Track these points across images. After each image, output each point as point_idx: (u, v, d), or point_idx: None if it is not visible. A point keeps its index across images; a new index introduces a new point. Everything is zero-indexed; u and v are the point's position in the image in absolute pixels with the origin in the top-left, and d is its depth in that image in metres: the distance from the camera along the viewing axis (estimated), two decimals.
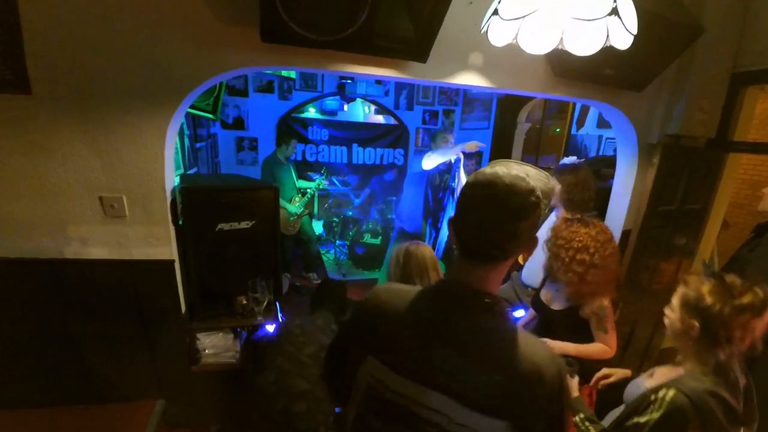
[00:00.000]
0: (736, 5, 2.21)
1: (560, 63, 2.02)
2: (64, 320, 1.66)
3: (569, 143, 3.81)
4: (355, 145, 5.48)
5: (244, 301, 1.99)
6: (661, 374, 1.23)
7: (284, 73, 3.46)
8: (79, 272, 1.64)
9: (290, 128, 5.08)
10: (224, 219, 1.88)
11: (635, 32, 1.26)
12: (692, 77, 2.26)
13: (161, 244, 1.74)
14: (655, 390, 1.08)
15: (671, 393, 1.03)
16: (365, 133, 5.55)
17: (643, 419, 1.04)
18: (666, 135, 2.36)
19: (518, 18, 1.24)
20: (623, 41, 1.28)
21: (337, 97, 5.34)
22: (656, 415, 1.02)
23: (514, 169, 0.75)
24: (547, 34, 1.29)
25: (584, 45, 1.29)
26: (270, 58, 1.65)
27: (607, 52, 1.27)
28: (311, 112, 5.51)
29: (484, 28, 1.39)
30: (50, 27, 1.41)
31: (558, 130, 5.29)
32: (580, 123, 3.67)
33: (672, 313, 1.18)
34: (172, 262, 1.76)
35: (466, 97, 5.64)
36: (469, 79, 1.97)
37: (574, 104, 3.78)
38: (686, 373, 1.12)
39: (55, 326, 1.66)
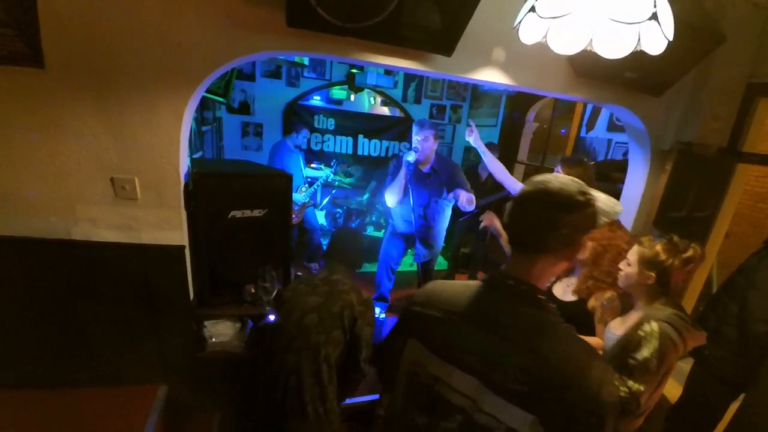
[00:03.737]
0: (755, 14, 2.19)
1: (583, 64, 2.00)
2: (71, 302, 1.63)
3: (578, 145, 3.80)
4: (360, 136, 5.43)
5: (253, 290, 1.97)
6: (623, 321, 1.47)
7: (297, 59, 3.38)
8: (88, 254, 1.61)
9: (298, 116, 5.01)
10: (237, 206, 1.85)
11: (671, 38, 1.23)
12: (709, 85, 2.25)
13: (172, 229, 1.71)
14: (637, 328, 1.31)
15: (654, 324, 1.28)
16: (371, 125, 5.49)
17: (645, 353, 1.25)
18: (679, 142, 2.36)
19: (556, 17, 1.21)
20: (656, 46, 1.26)
21: (345, 87, 5.27)
22: (655, 343, 1.25)
23: (569, 179, 0.80)
24: (578, 35, 1.28)
25: (614, 48, 1.27)
26: (293, 43, 1.61)
27: (632, 55, 1.25)
28: (316, 100, 5.43)
29: (517, 25, 1.35)
30: (67, 1, 1.36)
31: (563, 131, 5.28)
32: (590, 125, 3.65)
33: (629, 268, 1.44)
34: (182, 247, 1.73)
35: (474, 92, 5.60)
36: (491, 76, 1.94)
37: (585, 106, 3.76)
38: (649, 310, 1.37)
39: (62, 308, 1.63)
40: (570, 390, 0.70)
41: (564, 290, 1.76)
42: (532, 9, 1.26)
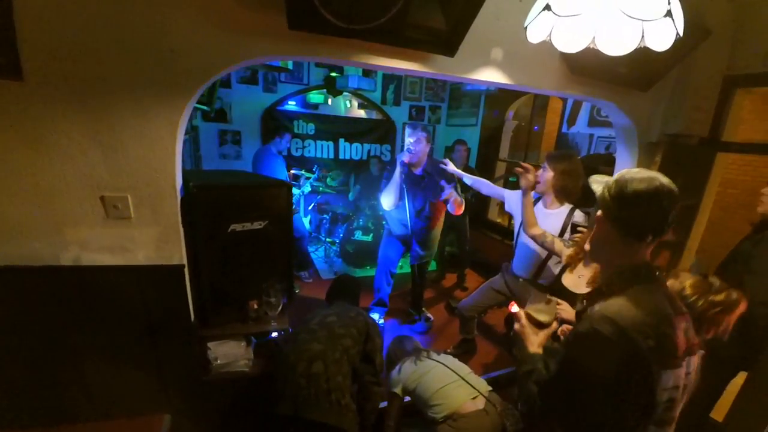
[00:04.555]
0: (731, 9, 2.30)
1: (577, 61, 2.03)
2: (63, 333, 1.49)
3: (560, 141, 3.89)
4: (341, 140, 5.36)
5: (256, 306, 1.87)
6: None
7: (282, 63, 3.28)
8: (79, 280, 1.47)
9: (276, 121, 4.88)
10: (237, 219, 1.75)
11: (681, 35, 1.25)
12: (691, 78, 2.34)
13: (170, 248, 1.59)
14: None
15: None
16: (352, 128, 5.43)
17: None
18: (665, 134, 2.44)
19: (574, 15, 1.21)
20: (664, 43, 1.28)
21: (323, 91, 5.19)
22: None
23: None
24: (582, 33, 1.28)
25: (618, 46, 1.28)
26: (294, 47, 1.54)
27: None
28: (292, 105, 5.29)
29: (529, 23, 1.35)
30: (47, 5, 1.24)
31: (536, 128, 5.38)
32: (571, 121, 3.75)
33: None
34: (181, 267, 1.62)
35: (452, 93, 5.65)
36: (490, 76, 1.94)
37: (564, 102, 3.86)
38: None
39: (53, 339, 1.48)
40: None
41: (576, 282, 1.77)
42: (547, 7, 1.26)
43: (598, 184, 1.01)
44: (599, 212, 0.97)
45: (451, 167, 2.74)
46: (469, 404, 1.62)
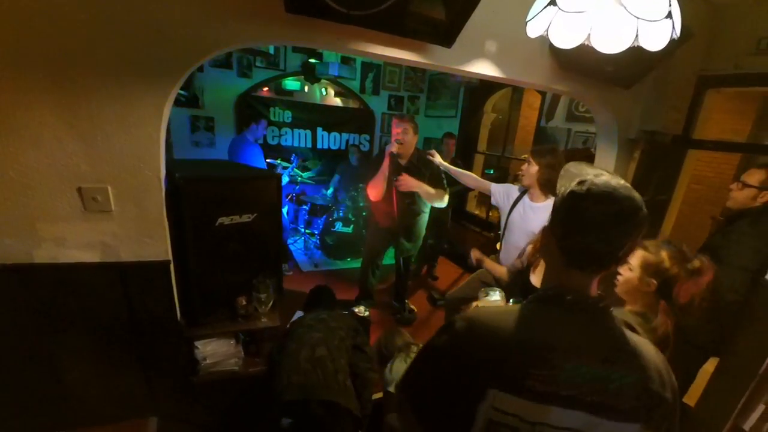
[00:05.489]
0: (706, 10, 2.39)
1: (567, 57, 2.06)
2: (38, 336, 1.37)
3: (538, 135, 3.97)
4: (319, 129, 5.24)
5: (245, 303, 1.81)
6: None
7: (263, 47, 3.13)
8: (55, 279, 1.36)
9: (252, 108, 4.69)
10: (225, 212, 1.68)
11: (678, 36, 1.29)
12: (669, 77, 2.44)
13: (155, 243, 1.50)
14: None
15: None
16: (331, 117, 5.31)
17: None
18: (643, 131, 2.53)
19: (579, 12, 1.21)
20: (659, 43, 1.31)
21: (300, 77, 5.03)
22: None
23: (610, 176, 0.75)
24: (579, 30, 1.29)
25: (613, 43, 1.30)
26: (289, 32, 1.46)
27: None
28: (265, 91, 5.10)
29: (532, 17, 1.34)
30: None
31: (500, 117, 5.34)
32: (549, 116, 3.83)
33: (630, 272, 1.36)
34: (167, 263, 1.53)
35: (431, 83, 5.63)
36: (484, 68, 1.93)
37: (543, 97, 3.94)
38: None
39: (27, 344, 1.36)
40: (665, 388, 0.74)
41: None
42: (552, 2, 1.25)
43: (568, 179, 0.78)
44: (547, 222, 0.81)
45: (437, 159, 2.73)
46: None
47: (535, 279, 1.84)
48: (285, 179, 4.17)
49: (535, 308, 0.79)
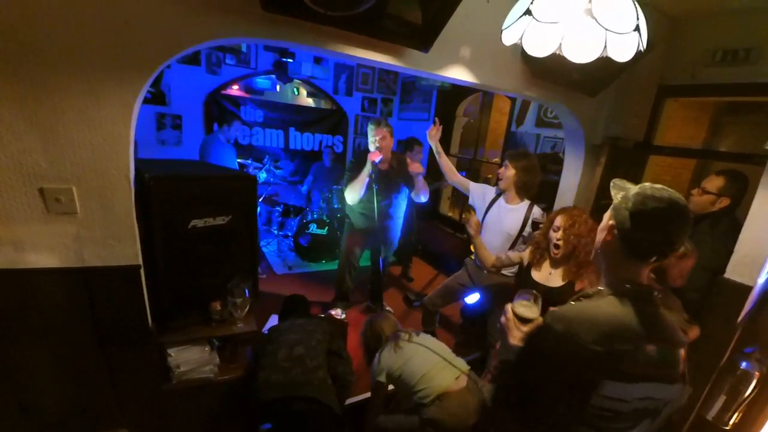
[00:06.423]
0: (665, 23, 2.55)
1: (538, 65, 2.14)
2: None
3: (509, 139, 4.09)
4: (292, 129, 5.16)
5: (219, 307, 1.76)
6: None
7: (236, 45, 3.04)
8: (13, 286, 1.27)
9: (221, 107, 4.56)
10: (198, 214, 1.63)
11: (645, 48, 1.37)
12: (632, 86, 2.57)
13: (123, 247, 1.43)
14: None
15: None
16: (303, 117, 5.25)
17: None
18: (607, 137, 2.67)
19: (553, 22, 1.26)
20: (626, 55, 1.39)
21: (271, 76, 4.95)
22: None
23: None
24: (551, 39, 1.35)
25: (583, 53, 1.37)
26: (266, 30, 1.45)
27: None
28: (235, 89, 4.96)
29: (508, 26, 1.38)
30: None
31: (471, 120, 5.44)
32: (520, 121, 3.95)
33: None
34: (137, 267, 1.47)
35: (404, 86, 5.67)
36: (459, 74, 1.97)
37: (513, 103, 4.06)
38: None
39: None
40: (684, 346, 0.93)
41: (546, 277, 1.87)
42: (528, 12, 1.30)
43: (618, 189, 0.96)
44: (611, 221, 0.93)
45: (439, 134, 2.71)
46: (453, 384, 1.67)
47: (538, 276, 1.90)
48: (262, 176, 4.08)
49: (614, 301, 0.90)
